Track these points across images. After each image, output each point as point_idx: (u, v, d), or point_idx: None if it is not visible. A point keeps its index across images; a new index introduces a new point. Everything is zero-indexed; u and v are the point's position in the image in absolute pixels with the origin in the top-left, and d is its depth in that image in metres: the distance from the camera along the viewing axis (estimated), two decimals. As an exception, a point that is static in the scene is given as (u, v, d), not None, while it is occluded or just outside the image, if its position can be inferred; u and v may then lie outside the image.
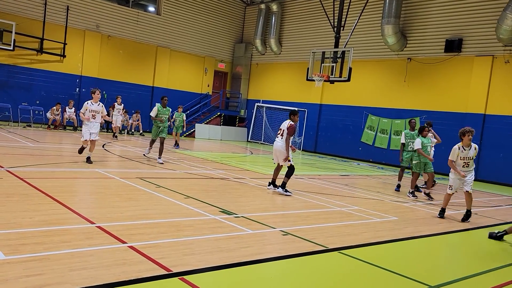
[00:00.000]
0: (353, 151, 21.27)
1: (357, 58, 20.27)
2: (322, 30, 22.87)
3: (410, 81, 19.39)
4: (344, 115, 21.83)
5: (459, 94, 17.75)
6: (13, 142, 13.27)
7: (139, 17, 23.37)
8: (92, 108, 10.43)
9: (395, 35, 19.04)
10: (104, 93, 22.41)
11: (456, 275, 5.08)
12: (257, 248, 5.10)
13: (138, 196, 7.31)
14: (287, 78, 25.02)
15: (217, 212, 6.69)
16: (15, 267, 3.73)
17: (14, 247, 4.21)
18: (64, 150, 13.65)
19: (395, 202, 9.66)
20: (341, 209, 8.17)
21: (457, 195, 9.50)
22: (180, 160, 12.95)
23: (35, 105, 20.14)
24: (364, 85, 20.97)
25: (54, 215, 5.52)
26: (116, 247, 4.56)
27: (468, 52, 17.60)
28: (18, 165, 8.91)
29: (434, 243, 6.59)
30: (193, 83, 25.97)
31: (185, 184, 9.10)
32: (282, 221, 6.65)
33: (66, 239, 4.61)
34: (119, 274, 3.83)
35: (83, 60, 21.73)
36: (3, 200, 6.04)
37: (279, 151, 9.10)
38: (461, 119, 17.53)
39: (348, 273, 4.69)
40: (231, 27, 27.35)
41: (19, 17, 19.45)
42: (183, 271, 4.08)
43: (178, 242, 4.99)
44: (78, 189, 7.51)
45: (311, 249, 5.29)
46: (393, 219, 7.76)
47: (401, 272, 4.79)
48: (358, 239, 6.08)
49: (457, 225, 7.90)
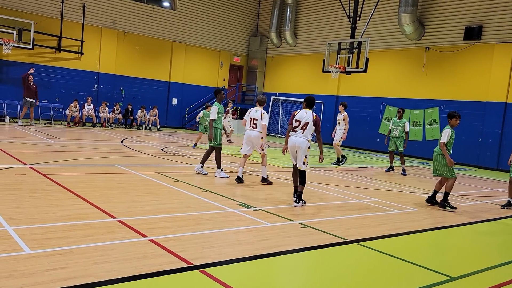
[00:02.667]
0: (370, 142, 21.08)
1: (373, 48, 20.03)
2: (337, 21, 22.64)
3: (429, 70, 19.07)
4: (361, 106, 21.62)
5: (479, 82, 17.39)
6: (34, 139, 13.55)
7: (154, 12, 23.50)
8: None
9: (412, 24, 18.72)
10: (121, 89, 22.69)
11: (478, 266, 5.01)
12: (276, 241, 5.12)
13: (157, 191, 7.41)
14: (303, 71, 24.88)
15: (236, 206, 6.73)
16: (40, 261, 3.83)
17: (39, 242, 4.32)
18: (84, 146, 13.89)
19: (414, 194, 9.57)
20: (359, 201, 8.13)
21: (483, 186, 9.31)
22: (197, 155, 13.04)
23: (54, 102, 20.49)
24: (381, 76, 20.72)
25: (77, 210, 5.64)
26: (137, 240, 4.63)
27: (488, 40, 17.20)
28: (40, 161, 9.10)
29: (455, 234, 6.52)
30: (209, 77, 26.05)
31: (202, 178, 9.17)
32: (300, 214, 6.66)
33: (89, 233, 4.71)
34: (141, 267, 3.90)
35: (101, 57, 21.98)
36: (27, 196, 6.19)
37: (301, 148, 7.24)
38: (481, 108, 17.20)
39: (368, 265, 4.67)
40: (245, 20, 27.29)
41: (37, 16, 19.76)
42: (204, 264, 4.12)
43: (198, 235, 5.05)
44: (99, 184, 7.64)
45: (330, 241, 5.29)
46: (413, 210, 7.69)
47: (422, 264, 4.76)
48: (377, 231, 6.05)
49: (478, 216, 7.78)
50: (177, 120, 24.99)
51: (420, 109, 19.24)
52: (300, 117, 7.34)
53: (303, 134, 7.24)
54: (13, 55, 19.28)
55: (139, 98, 23.19)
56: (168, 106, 24.56)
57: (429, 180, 12.31)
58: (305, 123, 7.25)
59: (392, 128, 13.16)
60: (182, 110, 25.09)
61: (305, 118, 7.29)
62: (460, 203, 8.85)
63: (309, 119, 7.25)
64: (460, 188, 11.11)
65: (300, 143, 7.20)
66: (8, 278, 3.43)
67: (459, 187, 11.34)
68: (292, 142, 7.31)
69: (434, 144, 18.43)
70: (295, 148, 7.27)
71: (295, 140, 7.27)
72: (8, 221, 4.84)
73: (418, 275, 4.45)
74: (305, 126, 7.24)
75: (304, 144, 7.18)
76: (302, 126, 7.27)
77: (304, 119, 7.28)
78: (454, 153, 11.41)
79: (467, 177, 13.84)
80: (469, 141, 17.51)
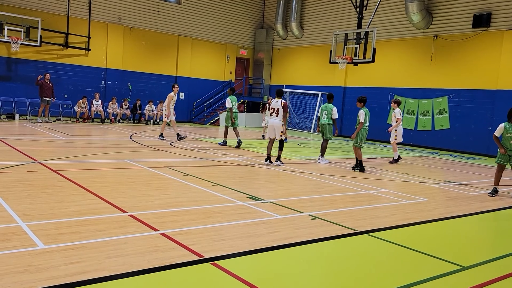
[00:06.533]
0: (379, 133, 20.92)
1: (381, 38, 19.85)
2: (344, 11, 22.46)
3: (437, 59, 18.88)
4: (369, 97, 21.21)
5: (489, 70, 17.19)
6: (44, 136, 13.68)
7: (160, 7, 23.48)
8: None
9: (420, 12, 18.51)
10: (129, 85, 22.77)
11: (490, 255, 5.00)
12: (286, 233, 5.14)
13: (167, 185, 7.45)
14: (310, 62, 24.75)
15: (245, 198, 6.75)
16: (54, 256, 3.89)
17: (52, 237, 4.38)
18: (93, 142, 13.99)
19: (424, 184, 9.52)
20: (369, 192, 8.12)
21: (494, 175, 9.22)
22: (206, 148, 13.09)
23: (63, 99, 20.63)
24: (389, 66, 20.55)
25: (88, 205, 5.70)
26: (148, 234, 4.68)
27: (497, 27, 16.98)
28: (51, 158, 9.19)
29: (466, 224, 6.49)
30: (215, 71, 26.03)
31: (212, 171, 9.21)
32: (309, 206, 6.67)
33: (101, 228, 4.76)
34: (153, 260, 3.94)
35: (107, 52, 22.05)
36: (39, 192, 6.26)
37: (277, 127, 10.39)
38: (491, 96, 17.02)
39: (379, 256, 4.68)
40: (251, 13, 27.17)
41: (44, 13, 19.84)
42: (215, 257, 4.16)
43: (208, 228, 5.08)
44: (109, 179, 7.71)
45: (340, 233, 5.30)
46: (423, 200, 7.66)
47: (433, 253, 4.75)
48: (388, 221, 6.05)
49: (489, 205, 7.73)
50: (185, 114, 25.04)
51: (428, 99, 19.09)
52: (274, 105, 10.48)
53: (276, 117, 10.36)
54: (21, 53, 19.41)
55: (147, 93, 23.25)
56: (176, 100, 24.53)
57: (439, 170, 12.25)
58: (277, 108, 10.36)
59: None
60: (190, 104, 25.13)
61: (277, 105, 10.38)
62: (470, 192, 8.81)
63: (278, 105, 10.35)
64: (471, 177, 11.04)
65: (277, 123, 10.36)
66: (24, 273, 3.49)
67: (469, 176, 11.28)
68: (271, 123, 10.49)
69: (443, 134, 18.43)
70: (275, 127, 10.38)
71: (273, 121, 10.42)
72: (22, 217, 4.91)
73: (430, 265, 4.45)
74: (277, 111, 10.37)
75: (279, 123, 10.36)
76: (276, 112, 10.39)
77: (277, 105, 10.36)
78: (463, 142, 11.35)
79: (477, 166, 13.75)
80: (478, 130, 17.36)
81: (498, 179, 8.59)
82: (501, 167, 8.54)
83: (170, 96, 14.78)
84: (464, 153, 17.47)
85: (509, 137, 8.33)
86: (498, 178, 8.59)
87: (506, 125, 8.37)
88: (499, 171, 8.58)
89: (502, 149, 8.41)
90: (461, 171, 12.25)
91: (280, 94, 10.75)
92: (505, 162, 8.47)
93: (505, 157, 8.44)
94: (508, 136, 8.34)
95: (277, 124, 10.43)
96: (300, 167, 10.71)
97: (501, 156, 8.48)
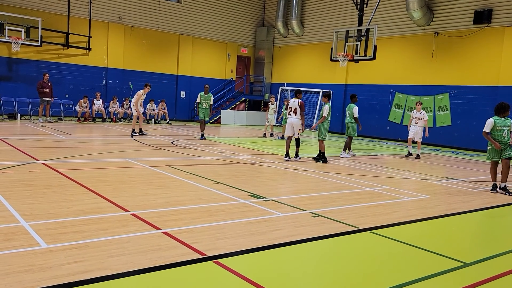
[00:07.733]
0: (380, 130, 20.96)
1: (381, 35, 19.82)
2: (344, 9, 22.42)
3: (438, 56, 18.84)
4: (370, 94, 21.46)
5: (490, 67, 17.15)
6: (46, 135, 13.69)
7: (160, 6, 23.47)
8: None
9: (420, 9, 18.47)
10: (130, 84, 22.78)
11: (492, 251, 4.99)
12: (289, 231, 5.14)
13: (169, 184, 7.46)
14: (311, 60, 24.73)
15: (247, 197, 6.75)
16: (57, 255, 3.89)
17: (55, 236, 4.38)
18: (95, 142, 14.00)
19: (425, 180, 9.51)
20: (370, 189, 8.11)
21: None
22: (208, 147, 13.09)
23: (64, 98, 20.64)
24: (390, 63, 20.52)
25: (90, 204, 5.71)
26: (151, 233, 4.68)
27: (498, 23, 16.92)
28: (52, 157, 9.20)
29: (468, 220, 6.48)
30: (216, 69, 26.01)
31: (213, 170, 9.21)
32: (311, 203, 6.67)
33: (103, 227, 4.77)
34: (155, 259, 3.94)
35: (108, 52, 22.06)
36: (41, 191, 6.27)
37: (296, 125, 11.01)
38: (493, 92, 16.97)
39: (381, 253, 4.68)
40: (252, 11, 27.14)
41: (45, 13, 19.84)
42: (217, 255, 4.16)
43: (211, 226, 5.08)
44: (111, 178, 7.71)
45: (342, 230, 5.30)
46: (425, 197, 7.65)
47: (435, 250, 4.75)
48: (390, 218, 6.04)
49: (491, 201, 7.72)
50: (186, 113, 25.05)
51: (430, 96, 19.06)
52: (291, 104, 11.16)
53: (295, 116, 11.01)
54: (22, 53, 19.43)
55: (148, 92, 23.20)
56: (177, 99, 24.61)
57: (440, 167, 12.24)
58: (295, 108, 11.00)
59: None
60: (191, 103, 25.12)
61: (294, 104, 11.05)
62: (472, 189, 8.80)
63: (296, 105, 11.01)
64: (473, 174, 11.03)
65: (296, 121, 11.02)
66: (27, 272, 3.50)
67: (471, 173, 11.27)
68: (290, 121, 11.14)
69: (445, 131, 18.39)
70: (294, 125, 11.04)
71: (291, 120, 11.08)
72: (24, 217, 4.92)
73: (432, 262, 4.44)
74: (295, 110, 11.01)
75: (298, 122, 11.03)
76: (294, 111, 11.02)
77: (294, 105, 11.02)
78: (466, 139, 11.34)
79: (480, 163, 13.73)
80: (480, 127, 17.16)
81: (494, 175, 8.67)
82: (495, 163, 8.62)
83: (139, 94, 14.89)
84: (466, 150, 17.44)
85: (501, 129, 8.38)
86: (494, 174, 8.67)
87: (497, 120, 8.42)
88: (493, 167, 8.66)
89: (496, 144, 8.43)
90: (463, 168, 12.24)
91: (298, 94, 11.42)
92: (498, 158, 8.53)
93: (497, 152, 8.50)
94: (500, 129, 8.40)
95: (295, 123, 11.04)
96: (302, 165, 10.71)
97: (493, 153, 8.58)
